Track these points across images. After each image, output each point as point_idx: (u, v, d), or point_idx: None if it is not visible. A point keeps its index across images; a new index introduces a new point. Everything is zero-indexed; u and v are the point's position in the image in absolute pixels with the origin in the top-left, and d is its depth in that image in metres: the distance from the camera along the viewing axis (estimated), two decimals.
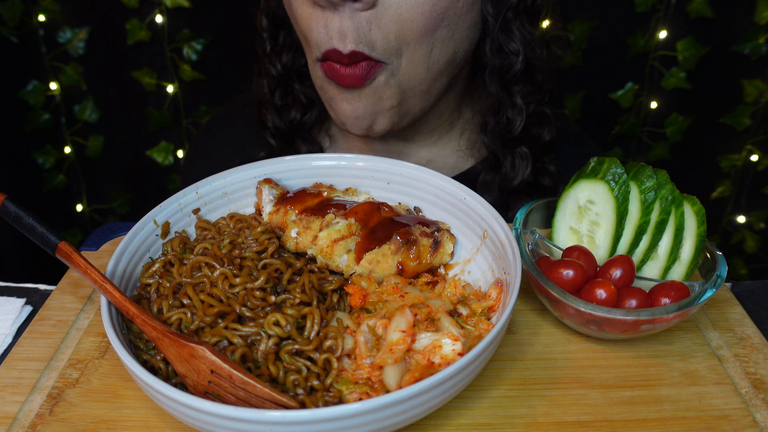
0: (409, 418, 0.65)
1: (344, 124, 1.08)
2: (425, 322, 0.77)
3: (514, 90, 1.14)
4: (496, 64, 1.12)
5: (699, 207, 0.85)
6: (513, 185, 1.20)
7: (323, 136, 1.31)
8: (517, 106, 1.15)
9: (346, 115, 1.07)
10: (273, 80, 1.24)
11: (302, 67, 1.22)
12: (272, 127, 1.26)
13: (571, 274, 0.81)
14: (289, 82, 1.24)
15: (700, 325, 0.86)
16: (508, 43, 1.09)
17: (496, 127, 1.17)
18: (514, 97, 1.14)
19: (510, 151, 1.19)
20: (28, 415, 0.74)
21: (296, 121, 1.25)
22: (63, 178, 2.50)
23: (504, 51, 1.10)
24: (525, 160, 1.19)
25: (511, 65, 1.11)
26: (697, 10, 2.21)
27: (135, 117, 2.41)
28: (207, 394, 0.70)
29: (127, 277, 0.83)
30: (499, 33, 1.08)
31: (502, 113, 1.16)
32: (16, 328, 0.89)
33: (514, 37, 1.09)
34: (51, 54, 2.27)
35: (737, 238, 2.62)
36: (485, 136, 1.20)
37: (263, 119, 1.27)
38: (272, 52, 1.22)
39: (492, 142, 1.19)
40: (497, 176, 1.21)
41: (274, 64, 1.22)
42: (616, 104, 2.41)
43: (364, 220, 0.90)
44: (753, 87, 2.32)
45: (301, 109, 1.25)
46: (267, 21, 1.20)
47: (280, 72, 1.23)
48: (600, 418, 0.73)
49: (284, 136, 1.27)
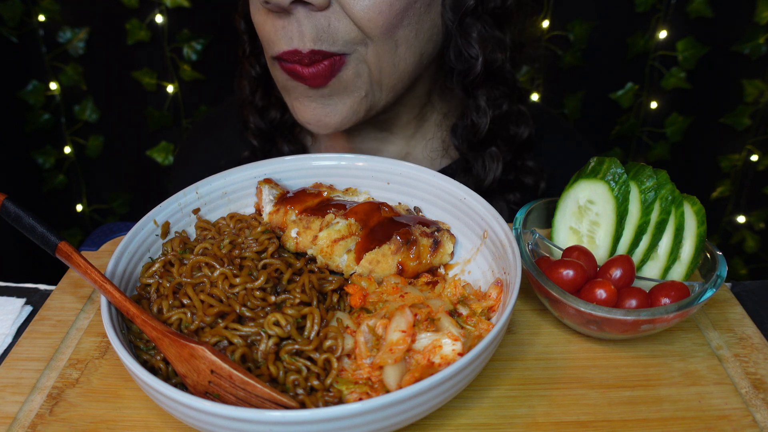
0: (409, 418, 0.65)
1: (309, 123, 1.08)
2: (425, 322, 0.77)
3: (478, 93, 1.15)
4: (458, 68, 1.13)
5: (699, 207, 0.85)
6: (485, 185, 1.21)
7: (305, 135, 1.32)
8: (481, 109, 1.16)
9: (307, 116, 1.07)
10: (253, 81, 1.26)
11: None
12: (254, 127, 1.27)
13: (571, 274, 0.81)
14: (269, 83, 1.25)
15: (700, 325, 0.86)
16: (467, 47, 1.10)
17: (464, 128, 1.19)
18: (478, 100, 1.15)
19: (479, 153, 1.20)
20: (28, 415, 0.74)
21: (276, 121, 1.26)
22: (63, 178, 2.50)
23: (464, 55, 1.11)
24: (495, 160, 1.20)
25: (470, 69, 1.11)
26: (697, 10, 2.21)
27: (135, 117, 2.41)
28: (207, 394, 0.70)
29: (127, 277, 0.83)
30: (458, 38, 1.09)
31: (467, 116, 1.17)
32: (16, 328, 0.89)
33: (472, 40, 1.09)
34: (51, 54, 2.27)
35: (737, 238, 2.62)
36: (455, 138, 1.21)
37: (245, 120, 1.28)
38: (251, 54, 1.24)
39: (461, 145, 1.20)
40: (470, 177, 1.22)
41: (254, 65, 1.24)
42: (616, 104, 2.41)
43: (364, 220, 0.90)
44: (753, 87, 2.32)
45: (280, 108, 1.26)
46: (245, 23, 1.22)
47: (260, 73, 1.24)
48: (600, 418, 0.73)
49: (266, 136, 1.28)
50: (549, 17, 2.24)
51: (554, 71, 2.35)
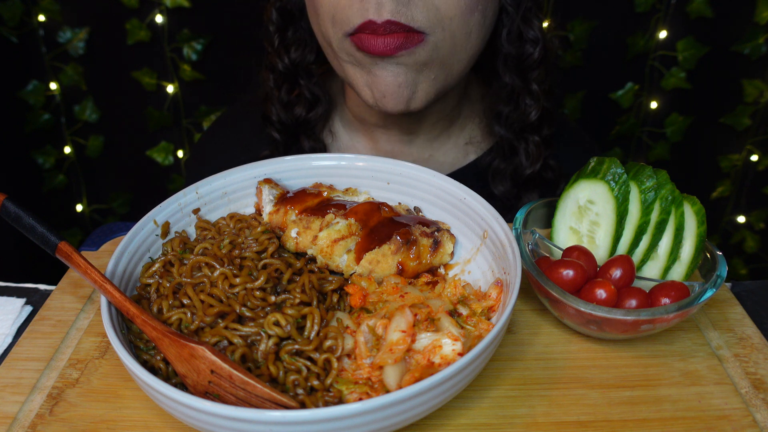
0: (409, 418, 0.65)
1: (384, 96, 1.03)
2: (425, 322, 0.77)
3: (530, 77, 1.16)
4: (511, 52, 1.14)
5: (699, 207, 0.85)
6: (526, 174, 1.21)
7: (326, 134, 1.31)
8: (533, 93, 1.17)
9: (387, 83, 1.02)
10: (280, 75, 1.24)
11: (309, 63, 1.23)
12: (277, 121, 1.25)
13: (571, 274, 0.81)
14: (296, 78, 1.24)
15: (700, 325, 0.86)
16: (527, 31, 1.12)
17: (512, 114, 1.19)
18: (531, 85, 1.16)
19: (524, 140, 1.21)
20: (28, 415, 0.74)
21: (302, 118, 1.25)
22: (63, 178, 2.49)
23: (523, 39, 1.12)
24: (539, 148, 1.21)
25: (529, 53, 1.13)
26: (697, 10, 2.21)
27: (135, 117, 2.41)
28: (207, 394, 0.70)
29: (127, 277, 0.83)
30: (520, 22, 1.11)
31: (520, 101, 1.17)
32: (16, 328, 0.89)
33: (533, 25, 1.12)
34: (51, 54, 2.27)
35: (737, 238, 2.62)
36: (499, 125, 1.21)
37: (267, 113, 1.26)
38: (281, 47, 1.21)
39: (507, 131, 1.20)
40: (510, 165, 1.23)
41: (282, 58, 1.21)
42: (616, 104, 2.41)
43: (364, 220, 0.90)
44: (753, 87, 2.32)
45: (307, 105, 1.25)
46: (277, 15, 1.20)
47: (288, 67, 1.22)
48: (600, 418, 0.73)
49: (289, 131, 1.27)
50: (549, 17, 2.24)
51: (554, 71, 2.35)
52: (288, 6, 1.19)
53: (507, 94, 1.19)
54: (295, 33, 1.21)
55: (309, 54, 1.22)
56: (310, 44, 1.21)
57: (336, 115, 1.32)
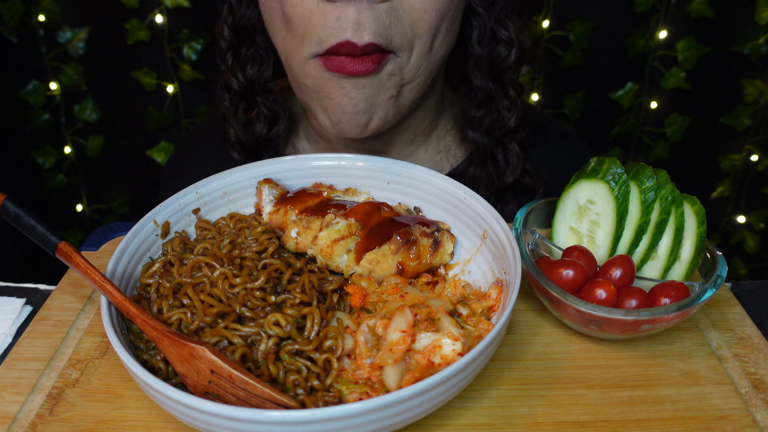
0: (409, 418, 0.65)
1: (340, 122, 0.97)
2: (425, 322, 0.77)
3: (506, 80, 1.12)
4: (483, 54, 1.09)
5: (699, 207, 0.85)
6: (507, 181, 1.17)
7: (290, 149, 1.26)
8: (510, 97, 1.13)
9: (344, 110, 0.96)
10: (236, 95, 1.18)
11: (267, 80, 1.17)
12: (236, 142, 1.20)
13: (571, 274, 0.81)
14: (253, 96, 1.18)
15: (700, 325, 0.86)
16: (501, 32, 1.07)
17: (486, 119, 1.14)
18: (507, 89, 1.12)
19: (502, 146, 1.16)
20: (28, 415, 0.74)
21: (263, 136, 1.19)
22: (63, 178, 2.49)
23: (496, 40, 1.08)
24: (517, 155, 1.17)
25: (504, 55, 1.08)
26: (697, 10, 2.21)
27: (135, 117, 2.41)
28: (207, 394, 0.70)
29: (127, 277, 0.83)
30: (493, 23, 1.07)
31: (496, 105, 1.13)
32: (16, 328, 0.89)
33: (507, 26, 1.07)
34: (51, 54, 2.27)
35: (737, 238, 2.62)
36: (474, 132, 1.16)
37: (227, 135, 1.20)
38: (235, 65, 1.15)
39: (483, 137, 1.15)
40: (485, 172, 1.18)
41: (237, 77, 1.15)
42: (616, 104, 2.41)
43: (364, 220, 0.90)
44: (753, 87, 2.32)
45: (267, 123, 1.19)
46: (230, 32, 1.13)
47: (244, 86, 1.16)
48: (600, 418, 0.73)
49: (249, 151, 1.21)
50: (549, 17, 2.24)
51: (554, 71, 2.35)
52: (241, 23, 1.12)
53: (481, 99, 1.14)
54: (249, 49, 1.15)
55: (266, 70, 1.16)
56: (267, 60, 1.15)
57: (300, 131, 1.26)
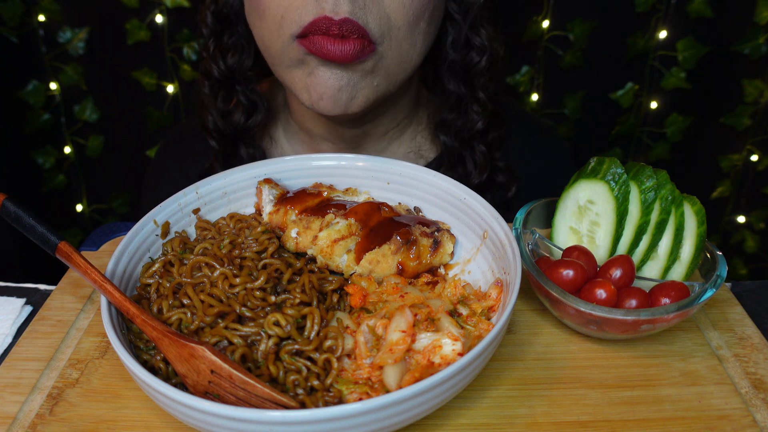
0: (409, 418, 0.65)
1: (321, 98, 0.99)
2: (425, 322, 0.77)
3: (477, 85, 1.14)
4: (456, 59, 1.12)
5: (699, 207, 0.85)
6: (474, 183, 1.19)
7: (267, 140, 1.28)
8: (480, 101, 1.15)
9: (327, 86, 0.98)
10: (216, 82, 1.19)
11: (247, 69, 1.18)
12: (214, 130, 1.21)
13: (571, 274, 0.81)
14: (232, 84, 1.19)
15: (700, 325, 0.86)
16: (474, 38, 1.10)
17: (457, 122, 1.16)
18: (477, 93, 1.14)
19: (470, 148, 1.18)
20: (28, 415, 0.74)
21: (240, 125, 1.20)
22: (63, 178, 2.49)
23: (469, 46, 1.11)
24: (485, 157, 1.19)
25: (475, 61, 1.11)
26: (697, 10, 2.21)
27: (135, 117, 2.41)
28: (207, 394, 0.70)
29: (127, 277, 0.83)
30: (467, 29, 1.09)
31: (466, 109, 1.15)
32: (16, 328, 0.89)
33: (481, 33, 1.10)
34: (51, 54, 2.27)
35: (737, 238, 2.62)
36: (443, 134, 1.18)
37: (204, 121, 1.22)
38: (216, 52, 1.17)
39: (452, 139, 1.18)
40: (455, 174, 1.20)
41: (218, 64, 1.17)
42: (616, 104, 2.41)
43: (364, 220, 0.90)
44: (753, 87, 2.32)
45: (245, 112, 1.20)
46: (212, 18, 1.15)
47: (224, 73, 1.17)
48: (600, 418, 0.73)
49: (226, 139, 1.22)
50: (549, 17, 2.24)
51: (554, 71, 2.35)
52: (224, 9, 1.14)
53: (453, 102, 1.17)
54: (231, 37, 1.16)
55: (246, 59, 1.17)
56: (248, 49, 1.17)
57: (279, 125, 1.28)
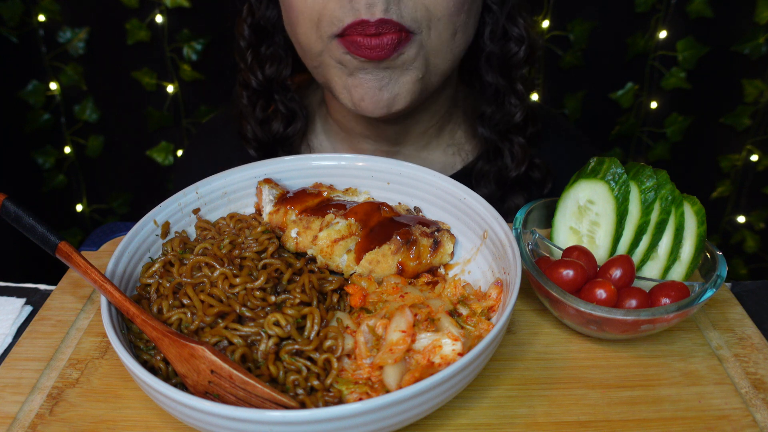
0: (409, 418, 0.65)
1: (362, 99, 1.01)
2: (425, 322, 0.77)
3: (515, 76, 1.15)
4: (494, 51, 1.13)
5: (699, 207, 0.85)
6: (511, 176, 1.19)
7: (305, 147, 1.29)
8: (518, 93, 1.16)
9: (367, 87, 1.00)
10: (254, 92, 1.20)
11: (285, 79, 1.20)
12: (253, 139, 1.23)
13: (571, 274, 0.81)
14: (271, 94, 1.20)
15: (700, 325, 0.86)
16: (512, 29, 1.11)
17: (496, 115, 1.17)
18: (515, 84, 1.15)
19: (509, 141, 1.19)
20: (28, 415, 0.74)
21: (279, 134, 1.22)
22: (63, 178, 2.49)
23: (507, 37, 1.12)
24: (524, 150, 1.19)
25: (514, 52, 1.12)
26: (697, 10, 2.21)
27: (135, 117, 2.41)
28: (207, 394, 0.70)
29: (127, 277, 0.83)
30: (504, 20, 1.10)
31: (504, 100, 1.16)
32: (16, 328, 0.89)
33: (518, 23, 1.11)
34: (51, 54, 2.27)
35: (737, 238, 2.62)
36: (483, 127, 1.19)
37: (243, 131, 1.23)
38: (254, 63, 1.18)
39: (491, 132, 1.18)
40: (494, 167, 1.21)
41: (256, 75, 1.18)
42: (616, 104, 2.41)
43: (364, 220, 0.90)
44: (753, 87, 2.32)
45: (284, 121, 1.22)
46: (250, 31, 1.16)
47: (262, 83, 1.19)
48: (600, 418, 0.73)
49: (265, 148, 1.24)
50: (549, 17, 2.24)
51: (554, 71, 2.35)
52: (261, 22, 1.15)
53: (491, 95, 1.17)
54: (269, 48, 1.18)
55: (285, 69, 1.19)
56: (286, 59, 1.18)
57: (318, 126, 1.29)
